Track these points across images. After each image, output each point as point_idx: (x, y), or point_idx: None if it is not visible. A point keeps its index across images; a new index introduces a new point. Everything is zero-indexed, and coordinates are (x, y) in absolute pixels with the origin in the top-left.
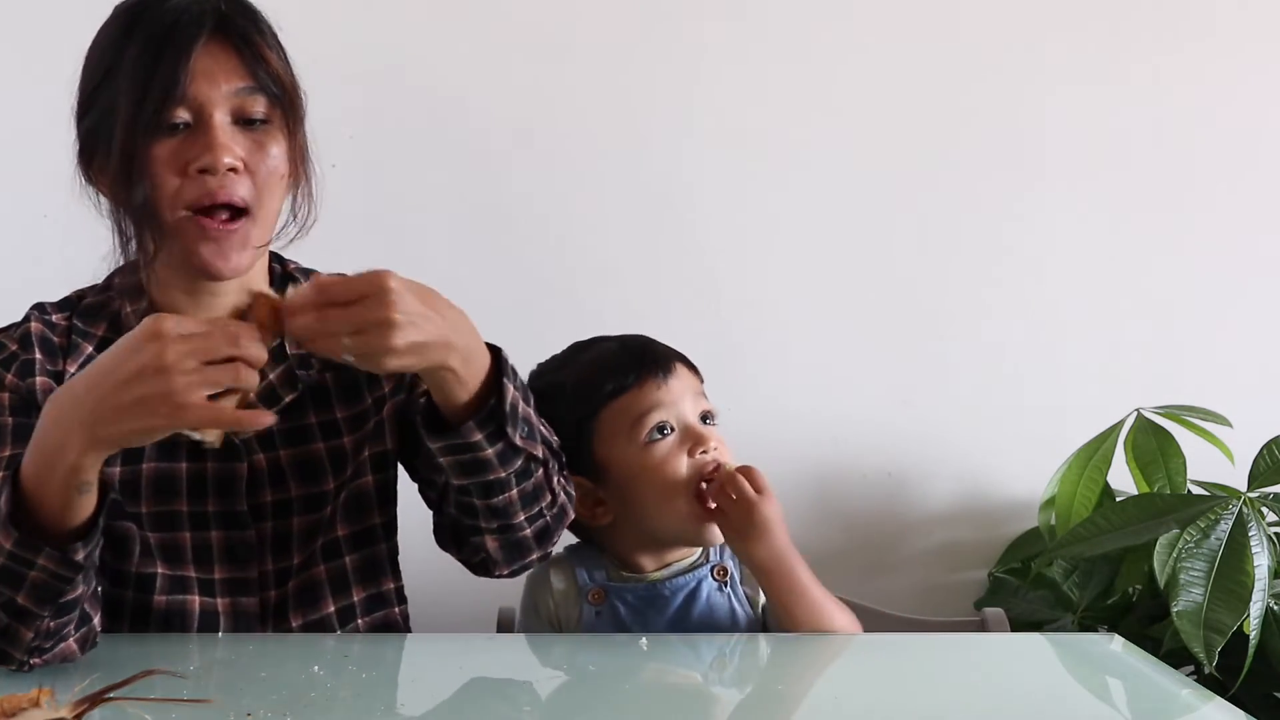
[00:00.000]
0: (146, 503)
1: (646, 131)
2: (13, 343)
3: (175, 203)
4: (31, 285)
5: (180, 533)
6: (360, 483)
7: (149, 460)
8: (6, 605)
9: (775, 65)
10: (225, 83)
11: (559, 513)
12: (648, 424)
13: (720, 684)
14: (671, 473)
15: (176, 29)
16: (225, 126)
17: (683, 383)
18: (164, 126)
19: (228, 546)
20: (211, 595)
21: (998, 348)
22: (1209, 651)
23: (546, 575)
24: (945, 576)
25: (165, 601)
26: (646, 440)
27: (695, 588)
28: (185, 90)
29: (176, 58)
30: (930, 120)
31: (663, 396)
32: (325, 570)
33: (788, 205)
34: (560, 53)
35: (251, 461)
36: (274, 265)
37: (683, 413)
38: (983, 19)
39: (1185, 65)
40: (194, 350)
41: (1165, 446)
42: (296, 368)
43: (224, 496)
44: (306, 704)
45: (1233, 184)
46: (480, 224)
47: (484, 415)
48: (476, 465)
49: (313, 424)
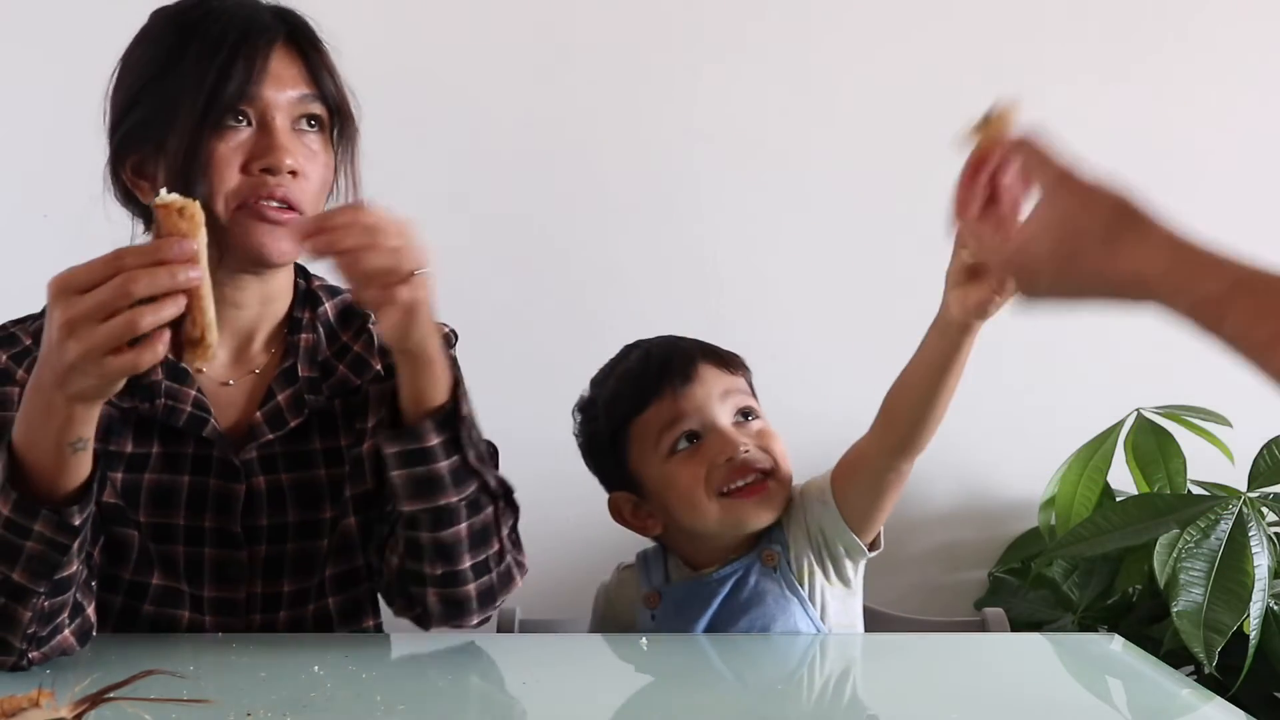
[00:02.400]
0: (145, 512)
1: (650, 134)
2: (27, 336)
3: (231, 199)
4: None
5: (175, 545)
6: (346, 523)
7: (152, 471)
8: (2, 585)
9: (779, 69)
10: (291, 88)
11: (505, 573)
12: (671, 436)
13: (719, 683)
14: (694, 479)
15: (251, 33)
16: (287, 130)
17: (706, 387)
18: (227, 125)
19: (219, 565)
20: (200, 612)
21: (997, 348)
22: (1209, 651)
23: (614, 585)
24: (945, 576)
25: (154, 612)
26: (671, 451)
27: (742, 576)
28: (255, 91)
29: (252, 60)
30: (930, 121)
31: (684, 406)
32: (312, 610)
33: (788, 206)
34: (564, 56)
35: (251, 484)
36: (299, 280)
37: (709, 417)
38: (983, 20)
39: (1184, 63)
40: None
41: (1165, 446)
42: (306, 392)
43: (221, 514)
44: (306, 704)
45: (1233, 183)
46: (484, 227)
47: (441, 418)
48: (429, 482)
49: (316, 450)
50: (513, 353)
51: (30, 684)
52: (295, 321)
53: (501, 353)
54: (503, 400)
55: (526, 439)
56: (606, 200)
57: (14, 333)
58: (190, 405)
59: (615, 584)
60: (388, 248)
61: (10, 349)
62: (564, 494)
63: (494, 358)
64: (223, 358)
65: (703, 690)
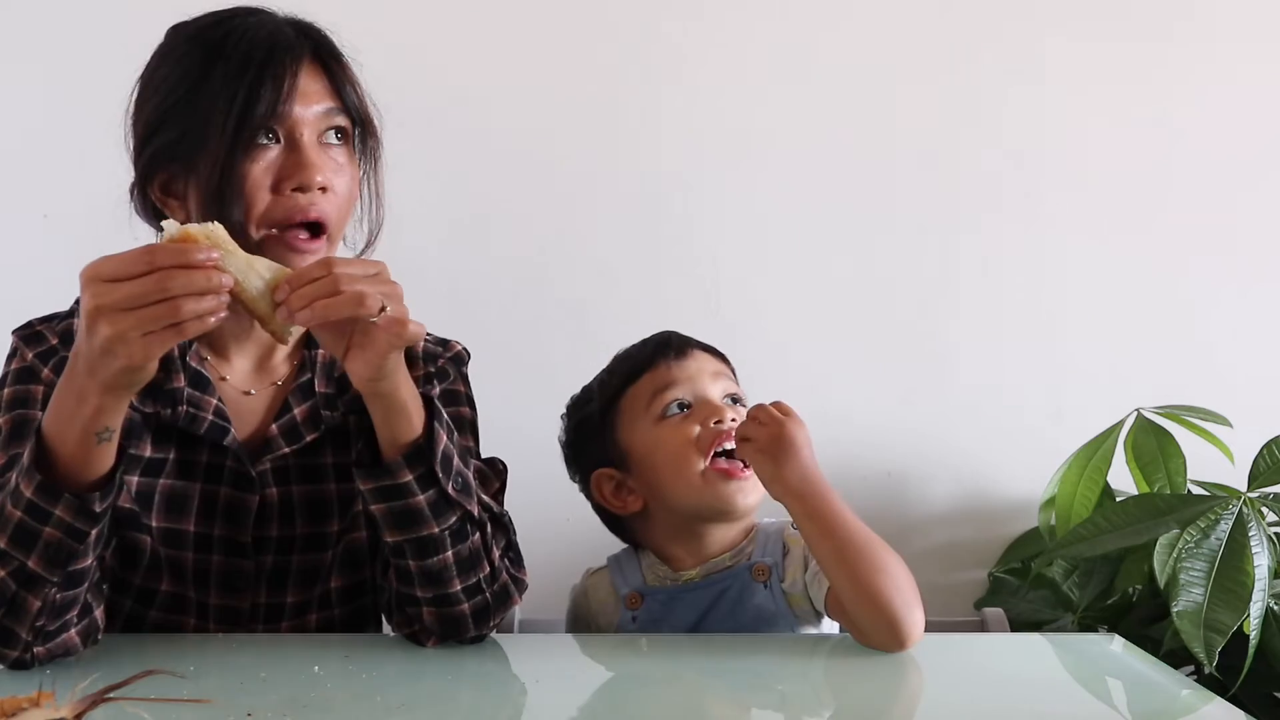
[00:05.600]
0: (157, 516)
1: (648, 132)
2: (54, 336)
3: (263, 221)
4: (32, 285)
5: (185, 552)
6: (356, 536)
7: (167, 476)
8: (16, 573)
9: (778, 67)
10: (317, 103)
11: (501, 591)
12: (663, 401)
13: (719, 683)
14: (684, 441)
15: (277, 50)
16: (314, 145)
17: (699, 363)
18: (257, 144)
19: (225, 573)
20: (205, 619)
21: (997, 348)
22: (1209, 651)
23: (586, 588)
24: (945, 576)
25: (161, 618)
26: (662, 415)
27: (730, 587)
28: (285, 109)
29: (280, 78)
30: (931, 121)
31: (677, 374)
32: (317, 619)
33: (788, 206)
34: (564, 56)
35: (264, 495)
36: None
37: (700, 389)
38: (983, 21)
39: (1185, 67)
40: (124, 298)
41: (1165, 446)
42: (322, 408)
43: (231, 524)
44: (306, 704)
45: (1233, 184)
46: (479, 225)
47: (413, 453)
48: (408, 515)
49: (328, 464)
50: (512, 354)
51: (30, 684)
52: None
53: (500, 354)
54: (501, 401)
55: (525, 440)
56: (603, 197)
57: (40, 331)
58: (211, 414)
59: (587, 587)
60: (350, 294)
61: (37, 347)
62: (562, 495)
63: (493, 358)
64: (246, 367)
65: (702, 689)
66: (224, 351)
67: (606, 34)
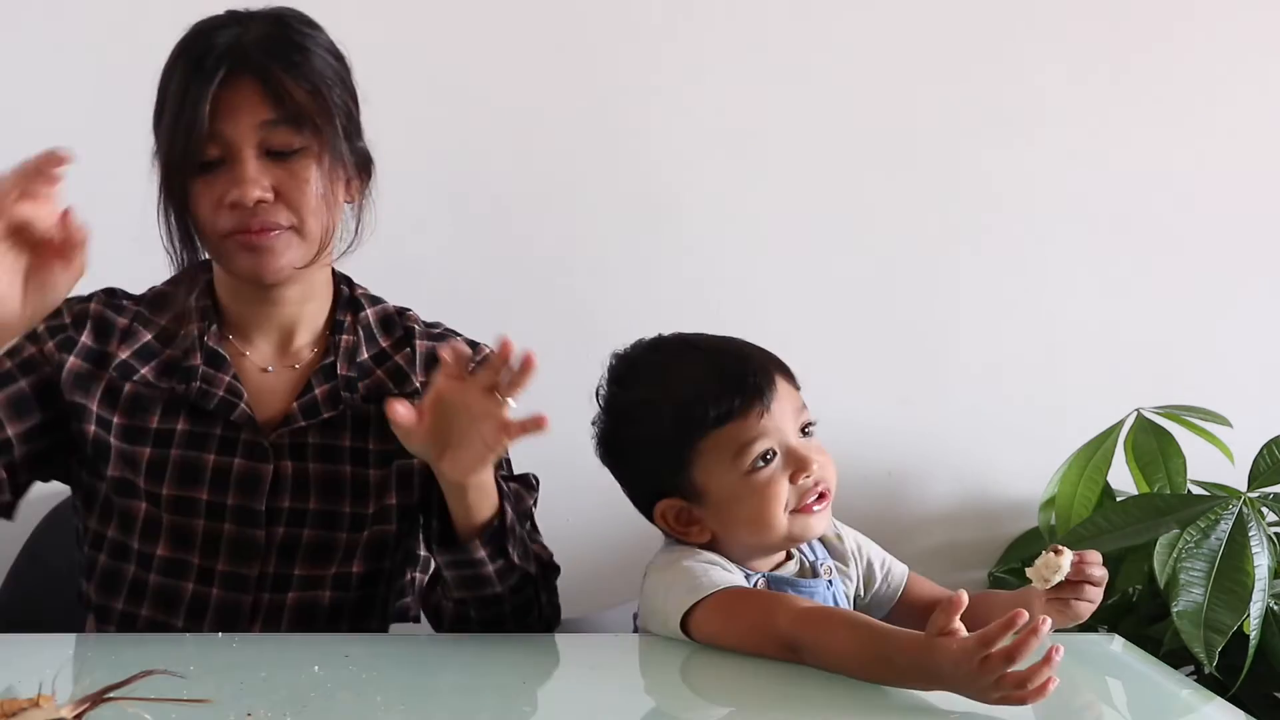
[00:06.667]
0: (169, 485)
1: (644, 131)
2: (69, 314)
3: (215, 232)
4: None
5: (195, 520)
6: (385, 528)
7: (178, 446)
8: None
9: (773, 65)
10: (249, 116)
11: (543, 621)
12: (751, 454)
13: (721, 682)
14: (773, 497)
15: (200, 68)
16: (253, 160)
17: (783, 404)
18: (198, 164)
19: (236, 541)
20: (208, 585)
21: (997, 347)
22: (1209, 651)
23: None
24: (945, 576)
25: (160, 582)
26: (750, 469)
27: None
28: (212, 128)
29: (199, 97)
30: (930, 120)
31: (767, 425)
32: (329, 597)
33: (786, 205)
34: (562, 56)
35: (279, 466)
36: (341, 287)
37: (785, 437)
38: (983, 21)
39: (1184, 66)
40: None
41: (1165, 446)
42: (343, 390)
43: (245, 493)
44: (306, 704)
45: (1232, 184)
46: (476, 224)
47: (489, 534)
48: (478, 580)
49: (345, 446)
50: None
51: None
52: (338, 323)
53: None
54: None
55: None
56: (601, 196)
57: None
58: (223, 390)
59: None
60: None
61: (51, 320)
62: (562, 495)
63: None
64: (266, 347)
65: (705, 689)
66: (246, 332)
67: (606, 34)
